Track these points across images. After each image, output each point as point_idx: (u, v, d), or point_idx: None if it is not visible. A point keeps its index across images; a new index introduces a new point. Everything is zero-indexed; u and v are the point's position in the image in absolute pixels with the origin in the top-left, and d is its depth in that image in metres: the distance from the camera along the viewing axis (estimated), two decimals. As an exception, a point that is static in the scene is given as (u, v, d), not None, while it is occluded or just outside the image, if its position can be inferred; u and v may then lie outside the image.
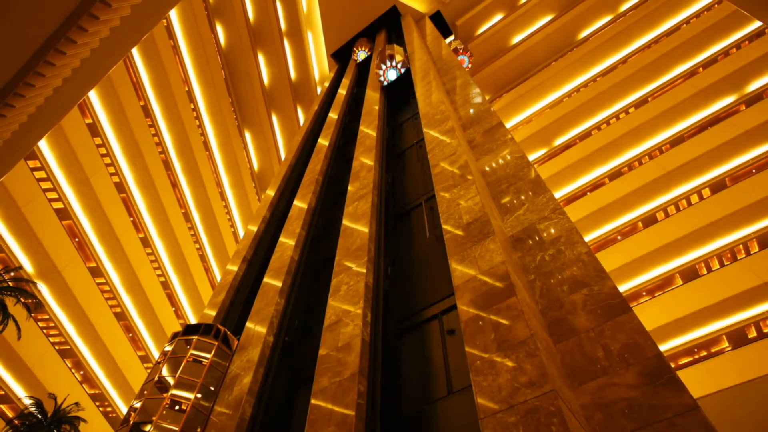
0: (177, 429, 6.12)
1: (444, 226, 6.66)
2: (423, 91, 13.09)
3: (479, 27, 29.88)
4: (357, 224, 8.88)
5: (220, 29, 30.57)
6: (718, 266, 19.32)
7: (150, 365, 31.92)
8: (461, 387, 5.01)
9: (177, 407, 6.46)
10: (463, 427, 4.63)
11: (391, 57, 16.84)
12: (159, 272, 31.33)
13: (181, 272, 32.74)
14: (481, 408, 3.82)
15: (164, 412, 6.31)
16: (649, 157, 22.53)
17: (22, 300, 19.85)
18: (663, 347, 18.46)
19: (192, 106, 31.15)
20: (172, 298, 32.81)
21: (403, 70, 16.76)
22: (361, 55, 26.68)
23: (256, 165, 37.01)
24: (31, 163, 23.36)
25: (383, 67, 16.95)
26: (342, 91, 21.74)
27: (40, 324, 25.12)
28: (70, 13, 12.18)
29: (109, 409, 29.33)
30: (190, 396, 6.61)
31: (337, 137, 17.03)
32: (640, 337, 4.05)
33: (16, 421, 21.29)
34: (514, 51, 28.50)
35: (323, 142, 16.34)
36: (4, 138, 14.51)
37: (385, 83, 16.92)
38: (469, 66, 25.08)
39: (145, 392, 6.80)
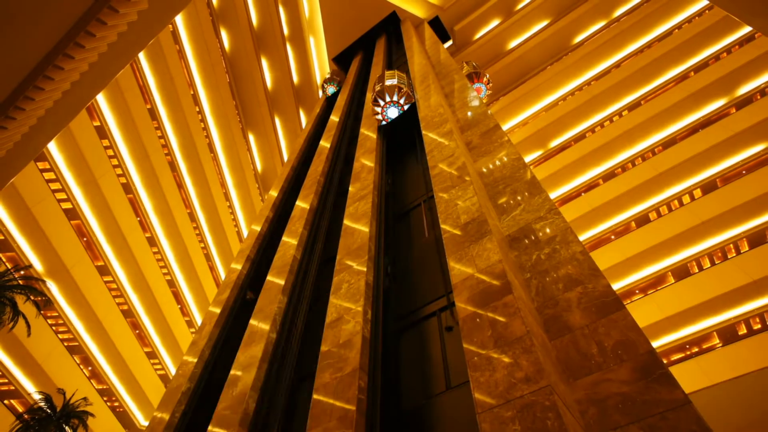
0: None
1: (442, 226, 6.70)
2: (422, 94, 12.98)
3: (477, 32, 30.23)
4: (358, 224, 8.86)
5: (224, 34, 31.00)
6: (709, 265, 19.52)
7: (156, 361, 32.39)
8: (459, 382, 5.09)
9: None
10: (461, 422, 4.70)
11: (392, 90, 12.28)
12: (165, 271, 31.73)
13: (186, 271, 33.15)
14: (479, 403, 3.88)
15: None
16: (642, 158, 22.75)
17: (32, 298, 20.27)
18: (656, 344, 18.58)
19: (197, 109, 31.60)
20: (177, 296, 33.22)
21: (407, 107, 12.48)
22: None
23: (259, 166, 37.30)
24: (41, 165, 23.80)
25: (381, 103, 12.46)
26: (343, 95, 21.92)
27: (50, 321, 25.51)
28: (79, 18, 12.43)
29: (116, 404, 29.73)
30: None
31: (339, 139, 17.04)
32: (634, 333, 4.10)
33: (26, 416, 21.74)
34: (511, 55, 28.69)
35: (325, 144, 16.39)
36: (15, 140, 14.89)
37: (384, 122, 12.79)
38: (487, 94, 18.78)
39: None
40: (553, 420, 3.35)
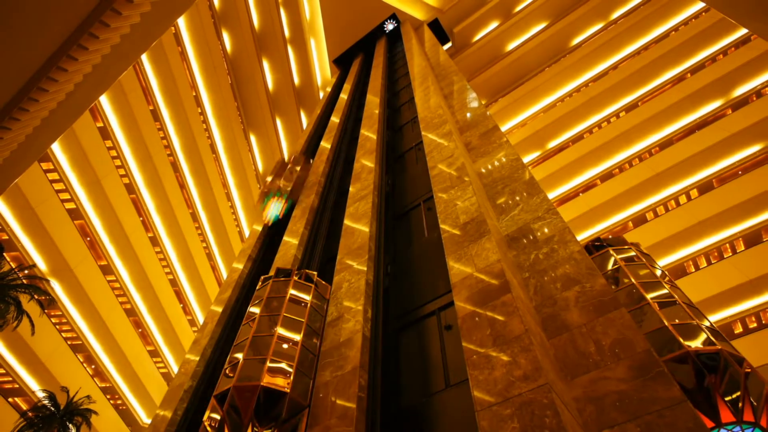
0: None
1: (442, 226, 6.76)
2: (421, 96, 13.30)
3: (476, 34, 30.47)
4: (358, 224, 8.96)
5: (226, 36, 31.24)
6: (705, 264, 19.67)
7: (159, 359, 32.60)
8: (458, 381, 5.09)
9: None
10: (460, 419, 4.69)
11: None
12: (167, 270, 31.90)
13: (188, 270, 33.33)
14: (478, 401, 3.91)
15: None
16: (639, 159, 22.91)
17: (36, 297, 20.31)
18: (652, 342, 18.89)
19: (199, 110, 31.78)
20: (180, 295, 33.43)
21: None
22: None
23: (261, 167, 37.53)
24: (45, 165, 23.88)
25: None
26: (343, 96, 22.02)
27: (53, 320, 25.59)
28: (82, 20, 12.63)
29: (119, 401, 29.92)
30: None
31: (339, 140, 17.19)
32: (630, 332, 4.12)
33: (30, 414, 21.92)
34: (510, 57, 28.91)
35: (325, 144, 16.53)
36: (19, 141, 15.05)
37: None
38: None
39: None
40: (551, 418, 3.38)
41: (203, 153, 32.54)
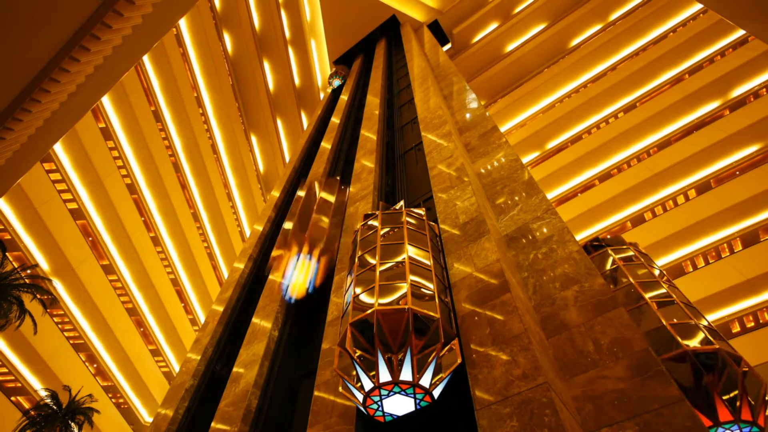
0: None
1: (441, 226, 6.75)
2: (421, 97, 13.34)
3: (475, 35, 30.60)
4: (358, 224, 9.29)
5: (227, 37, 31.46)
6: (703, 264, 19.74)
7: (160, 358, 32.71)
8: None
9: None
10: (459, 418, 4.69)
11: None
12: (169, 270, 32.07)
13: (189, 270, 33.51)
14: (478, 400, 3.92)
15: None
16: (637, 159, 23.01)
17: (38, 296, 20.48)
18: (651, 341, 18.99)
19: (200, 111, 32.00)
20: (181, 295, 33.58)
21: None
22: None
23: (261, 167, 37.81)
24: (47, 166, 24.04)
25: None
26: (344, 97, 22.09)
27: (55, 319, 25.78)
28: (84, 21, 12.69)
29: (121, 400, 30.04)
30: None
31: (339, 140, 17.27)
32: (629, 331, 4.13)
33: (32, 412, 22.07)
34: (509, 58, 29.04)
35: (326, 145, 16.62)
36: (21, 141, 15.12)
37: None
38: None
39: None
40: (550, 416, 3.41)
41: (204, 153, 32.74)
